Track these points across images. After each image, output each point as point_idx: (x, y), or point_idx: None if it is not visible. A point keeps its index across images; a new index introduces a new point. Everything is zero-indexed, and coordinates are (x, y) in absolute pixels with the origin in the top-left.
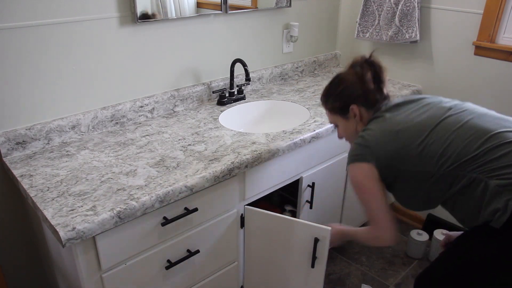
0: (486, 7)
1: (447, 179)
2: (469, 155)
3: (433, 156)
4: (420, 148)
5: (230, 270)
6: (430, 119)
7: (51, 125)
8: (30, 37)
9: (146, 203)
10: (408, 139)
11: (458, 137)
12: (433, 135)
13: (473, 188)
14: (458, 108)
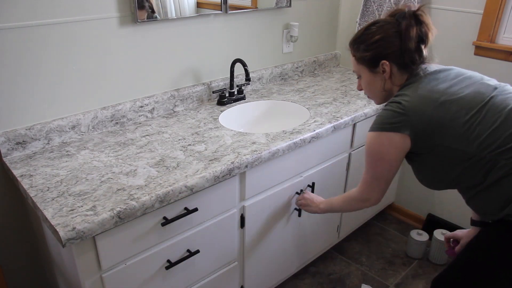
0: (486, 7)
1: (487, 164)
2: (510, 143)
3: (478, 137)
4: (467, 126)
5: (230, 270)
6: (477, 95)
7: (51, 125)
8: (30, 37)
9: (146, 203)
10: (454, 113)
11: (507, 120)
12: (481, 114)
13: (508, 181)
14: (502, 89)
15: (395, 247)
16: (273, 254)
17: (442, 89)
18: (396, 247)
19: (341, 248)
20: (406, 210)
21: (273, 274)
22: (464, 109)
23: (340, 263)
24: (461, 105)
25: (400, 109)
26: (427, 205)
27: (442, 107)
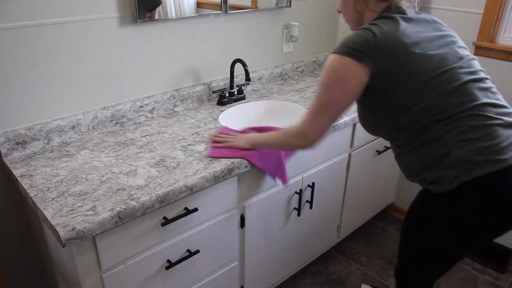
0: (486, 7)
1: (423, 127)
2: (452, 112)
3: (425, 100)
4: (421, 86)
5: (230, 270)
6: (442, 60)
7: (51, 125)
8: (30, 37)
9: (146, 203)
10: (417, 68)
11: (454, 93)
12: (437, 80)
13: (435, 147)
14: (466, 63)
15: (395, 247)
16: (273, 254)
17: (416, 40)
18: (396, 247)
19: (341, 248)
20: (406, 210)
21: (273, 274)
22: (426, 69)
23: (340, 263)
24: (425, 63)
25: (371, 37)
26: None
27: (409, 57)
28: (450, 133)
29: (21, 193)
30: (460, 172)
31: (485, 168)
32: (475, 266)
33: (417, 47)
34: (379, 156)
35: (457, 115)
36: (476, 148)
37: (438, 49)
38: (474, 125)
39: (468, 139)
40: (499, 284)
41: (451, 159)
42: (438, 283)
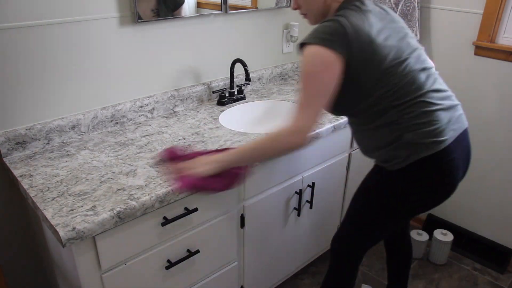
0: (486, 7)
1: (381, 111)
2: (406, 99)
3: (386, 86)
4: (383, 74)
5: (230, 270)
6: (400, 50)
7: (51, 125)
8: (30, 37)
9: (146, 203)
10: (380, 56)
11: (410, 81)
12: (396, 68)
13: (390, 131)
14: (417, 53)
15: None
16: (273, 254)
17: (379, 30)
18: None
19: None
20: None
21: (273, 274)
22: (387, 58)
23: None
24: (387, 53)
25: (342, 29)
26: None
27: (373, 46)
28: (403, 118)
29: (21, 193)
30: (410, 153)
31: (431, 149)
32: (475, 266)
33: (380, 38)
34: None
35: (409, 102)
36: (423, 132)
37: (396, 40)
38: (422, 111)
39: (417, 123)
40: (499, 284)
41: (403, 141)
42: (438, 282)
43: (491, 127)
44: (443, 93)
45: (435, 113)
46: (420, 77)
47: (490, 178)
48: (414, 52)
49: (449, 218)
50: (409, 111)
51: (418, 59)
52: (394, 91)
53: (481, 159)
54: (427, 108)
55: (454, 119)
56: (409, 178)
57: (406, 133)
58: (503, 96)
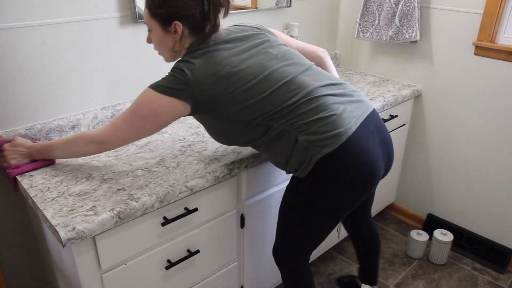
0: (486, 7)
1: (261, 128)
2: (282, 107)
3: (252, 107)
4: (242, 98)
5: (230, 270)
6: (258, 68)
7: (51, 125)
8: (30, 37)
9: (146, 203)
10: (232, 86)
11: (279, 91)
12: (255, 86)
13: (284, 140)
14: (284, 58)
15: (395, 247)
16: None
17: (226, 61)
18: (396, 247)
19: (341, 248)
20: (406, 210)
21: (273, 274)
22: (241, 82)
23: (340, 263)
24: (240, 78)
25: (184, 77)
26: (427, 205)
27: (220, 82)
28: (290, 123)
29: (21, 193)
30: (312, 153)
31: (332, 143)
32: (475, 266)
33: (228, 67)
34: None
35: (292, 106)
36: (317, 129)
37: (251, 58)
38: (308, 110)
39: (306, 123)
40: (499, 284)
41: (300, 144)
42: (438, 282)
43: (491, 127)
44: (332, 86)
45: (326, 107)
46: (298, 79)
47: (490, 178)
48: (277, 60)
49: (449, 218)
50: (294, 115)
51: (287, 61)
52: (267, 106)
53: (481, 159)
54: (315, 104)
55: (352, 107)
56: (322, 180)
57: (300, 136)
58: (503, 96)
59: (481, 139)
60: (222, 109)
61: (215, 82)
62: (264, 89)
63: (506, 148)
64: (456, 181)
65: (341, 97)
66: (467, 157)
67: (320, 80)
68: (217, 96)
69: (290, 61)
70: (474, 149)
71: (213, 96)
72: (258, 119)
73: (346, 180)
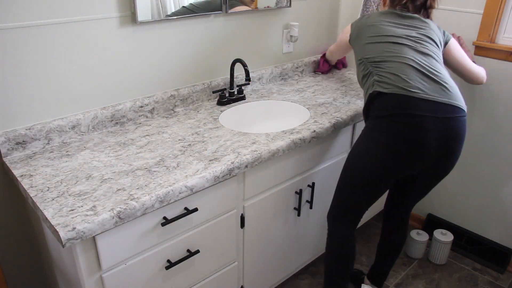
0: (486, 7)
1: (368, 73)
2: (378, 58)
3: (368, 48)
4: (367, 40)
5: (230, 270)
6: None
7: (51, 125)
8: (30, 37)
9: (146, 203)
10: (372, 36)
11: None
12: (378, 38)
13: (368, 78)
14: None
15: None
16: (273, 254)
17: (384, 26)
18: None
19: None
20: None
21: (273, 274)
22: (373, 32)
23: None
24: (380, 36)
25: (363, 18)
26: (427, 205)
27: (367, 30)
28: (376, 69)
29: (21, 193)
30: (374, 89)
31: (388, 88)
32: (475, 266)
33: (379, 29)
34: None
35: (383, 59)
36: (388, 76)
37: (391, 26)
38: (394, 67)
39: (385, 72)
40: (499, 284)
41: (370, 82)
42: (438, 282)
43: (491, 127)
44: (426, 67)
45: (404, 69)
46: (405, 50)
47: (490, 178)
48: (407, 37)
49: (449, 218)
50: (381, 66)
51: (412, 41)
52: (370, 51)
53: (481, 159)
54: (398, 65)
55: (430, 87)
56: (372, 124)
57: (374, 76)
58: (503, 96)
59: (481, 139)
60: (358, 46)
61: (365, 28)
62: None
63: (506, 148)
64: (456, 181)
65: (425, 76)
66: (467, 157)
67: (422, 61)
68: (361, 36)
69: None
70: (474, 149)
71: (359, 33)
72: (368, 60)
73: (391, 129)
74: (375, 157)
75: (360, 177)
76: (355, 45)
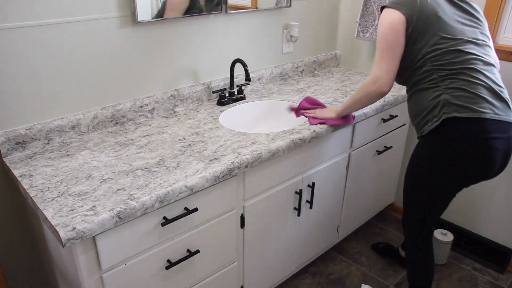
0: (486, 7)
1: (424, 73)
2: (449, 67)
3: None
4: (430, 44)
5: (230, 270)
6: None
7: (51, 125)
8: (30, 37)
9: (146, 203)
10: (439, 29)
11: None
12: (450, 42)
13: (432, 91)
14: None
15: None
16: (273, 254)
17: (443, 12)
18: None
19: (341, 248)
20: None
21: (273, 274)
22: (439, 34)
23: (340, 263)
24: (445, 27)
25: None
26: None
27: (433, 16)
28: (444, 82)
29: (21, 193)
30: (444, 111)
31: (465, 111)
32: (475, 266)
33: (445, 15)
34: (379, 156)
35: (454, 71)
36: (460, 95)
37: (458, 24)
38: (463, 79)
39: (455, 88)
40: (499, 284)
41: (440, 100)
42: (438, 282)
43: None
44: (494, 81)
45: (479, 86)
46: (477, 61)
47: None
48: (475, 41)
49: (449, 218)
50: (451, 78)
51: (477, 47)
52: (441, 57)
53: None
54: (472, 80)
55: (499, 105)
56: (442, 139)
57: (444, 94)
58: None
59: None
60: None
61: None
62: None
63: None
64: None
65: (492, 92)
66: None
67: (486, 72)
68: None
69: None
70: None
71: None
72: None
73: (465, 151)
74: (449, 176)
75: (437, 194)
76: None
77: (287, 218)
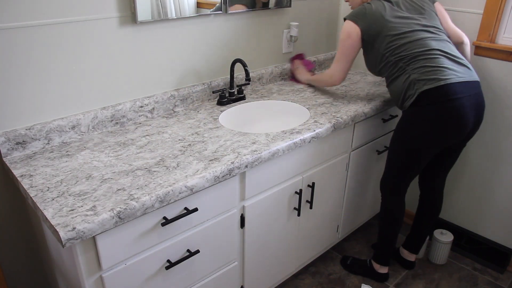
0: (486, 7)
1: (393, 64)
2: (410, 55)
3: (395, 48)
4: (391, 41)
5: (230, 270)
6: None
7: (51, 125)
8: (30, 37)
9: (146, 203)
10: (389, 31)
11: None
12: (403, 37)
13: (401, 76)
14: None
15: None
16: (273, 254)
17: (390, 14)
18: (396, 247)
19: (341, 248)
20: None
21: (273, 274)
22: (395, 31)
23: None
24: (396, 28)
25: (363, 10)
26: None
27: (381, 22)
28: (409, 66)
29: (21, 193)
30: (417, 87)
31: (433, 82)
32: (475, 266)
33: (389, 18)
34: (379, 156)
35: (414, 55)
36: (426, 71)
37: (402, 19)
38: (426, 59)
39: (421, 66)
40: (499, 284)
41: (410, 80)
42: (438, 282)
43: (491, 127)
44: (450, 53)
45: (438, 59)
46: (426, 41)
47: (490, 178)
48: (423, 27)
49: (449, 218)
50: (414, 61)
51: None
52: (401, 50)
53: (481, 159)
54: (430, 57)
55: (460, 69)
56: (420, 111)
57: (412, 75)
58: (503, 96)
59: (481, 139)
60: (375, 42)
61: (380, 22)
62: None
63: (506, 148)
64: (455, 181)
65: (454, 60)
66: (466, 157)
67: (441, 46)
68: (375, 31)
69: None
70: (473, 148)
71: (375, 30)
72: (393, 57)
73: (437, 113)
74: (427, 137)
75: (413, 154)
76: (374, 41)
77: (287, 218)
